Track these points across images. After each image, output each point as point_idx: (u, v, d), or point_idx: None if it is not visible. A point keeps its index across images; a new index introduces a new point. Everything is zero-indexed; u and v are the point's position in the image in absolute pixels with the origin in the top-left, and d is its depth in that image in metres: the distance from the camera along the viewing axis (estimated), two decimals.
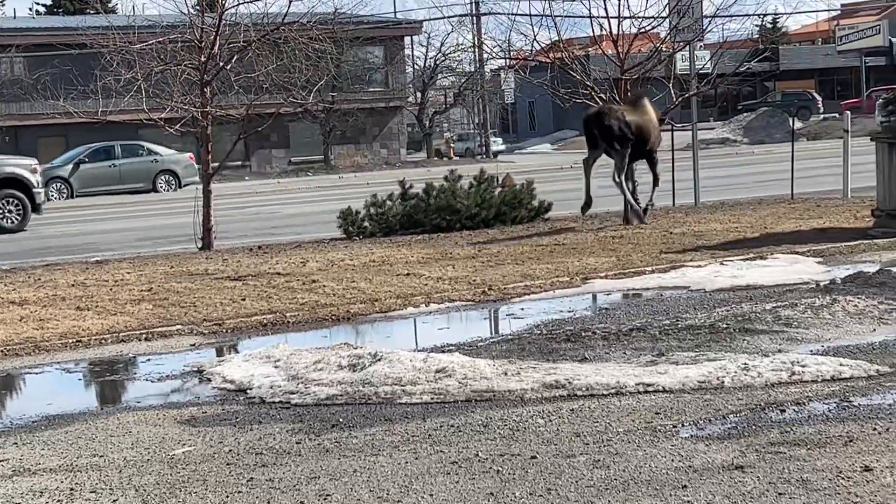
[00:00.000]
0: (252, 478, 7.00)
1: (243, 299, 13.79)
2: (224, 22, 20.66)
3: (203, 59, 20.20)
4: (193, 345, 11.65)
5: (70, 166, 46.43)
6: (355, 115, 57.76)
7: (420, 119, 68.08)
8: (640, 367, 9.25)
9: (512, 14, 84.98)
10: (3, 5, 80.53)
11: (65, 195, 45.39)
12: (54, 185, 44.83)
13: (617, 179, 19.76)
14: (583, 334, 10.77)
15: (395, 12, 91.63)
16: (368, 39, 54.28)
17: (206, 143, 20.49)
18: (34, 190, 28.94)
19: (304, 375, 9.50)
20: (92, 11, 36.58)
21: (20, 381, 10.67)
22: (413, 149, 69.59)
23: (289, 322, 12.55)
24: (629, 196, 20.19)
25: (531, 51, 27.82)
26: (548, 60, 25.68)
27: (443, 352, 10.18)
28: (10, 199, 28.49)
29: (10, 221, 28.45)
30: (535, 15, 25.41)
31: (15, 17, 67.60)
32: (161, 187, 46.67)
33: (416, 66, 68.93)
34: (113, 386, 10.28)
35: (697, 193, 23.89)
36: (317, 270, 16.00)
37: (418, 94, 68.38)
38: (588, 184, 20.14)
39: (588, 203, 20.24)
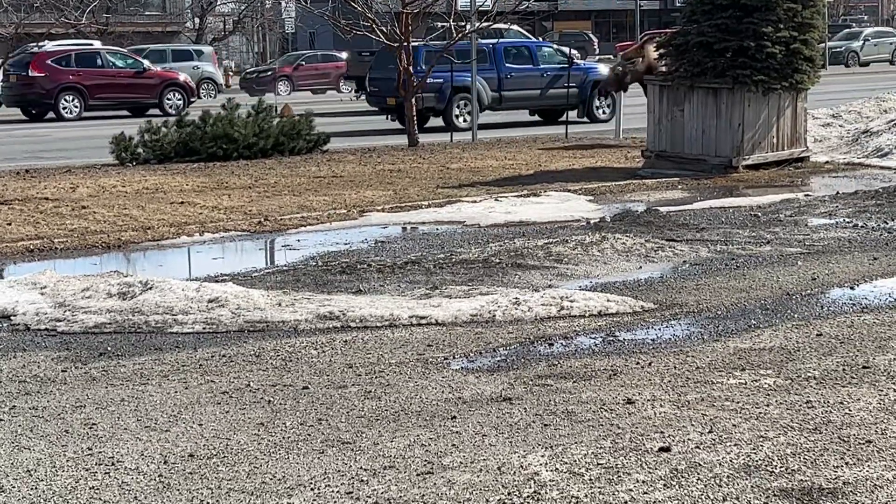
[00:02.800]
0: (15, 406, 6.82)
1: (9, 224, 13.36)
2: None
3: None
4: None
5: None
6: (130, 39, 56.26)
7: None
8: (413, 299, 9.33)
9: None
10: None
11: None
12: None
13: None
14: (358, 266, 10.79)
15: None
16: None
17: None
18: None
19: (72, 303, 9.28)
20: None
21: None
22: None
23: (57, 248, 12.23)
24: None
25: None
26: None
27: (216, 282, 10.07)
28: None
29: None
30: None
31: None
32: None
33: None
34: None
35: (475, 130, 24.10)
36: (87, 196, 15.61)
37: (196, 20, 67.10)
38: None
39: None
